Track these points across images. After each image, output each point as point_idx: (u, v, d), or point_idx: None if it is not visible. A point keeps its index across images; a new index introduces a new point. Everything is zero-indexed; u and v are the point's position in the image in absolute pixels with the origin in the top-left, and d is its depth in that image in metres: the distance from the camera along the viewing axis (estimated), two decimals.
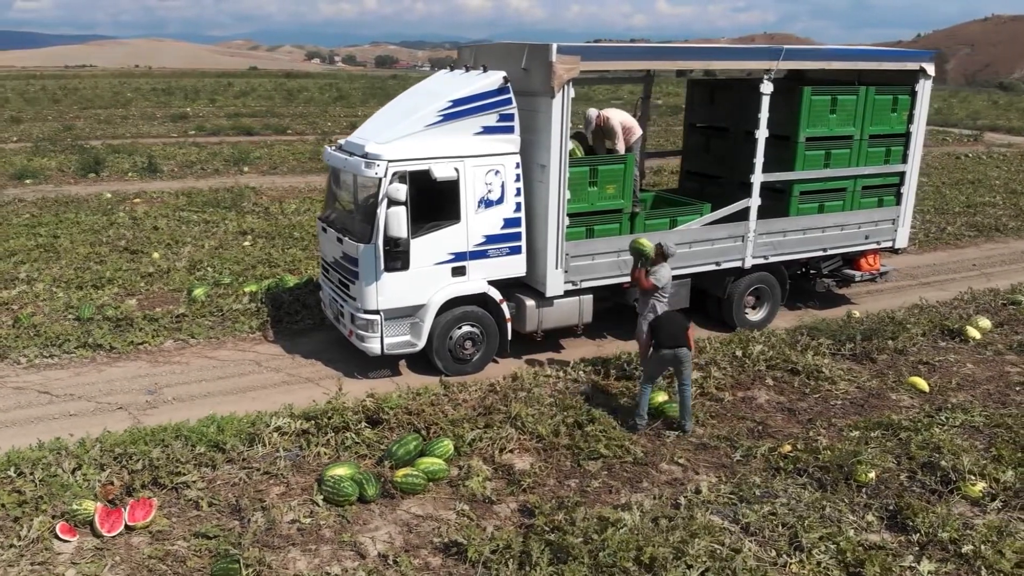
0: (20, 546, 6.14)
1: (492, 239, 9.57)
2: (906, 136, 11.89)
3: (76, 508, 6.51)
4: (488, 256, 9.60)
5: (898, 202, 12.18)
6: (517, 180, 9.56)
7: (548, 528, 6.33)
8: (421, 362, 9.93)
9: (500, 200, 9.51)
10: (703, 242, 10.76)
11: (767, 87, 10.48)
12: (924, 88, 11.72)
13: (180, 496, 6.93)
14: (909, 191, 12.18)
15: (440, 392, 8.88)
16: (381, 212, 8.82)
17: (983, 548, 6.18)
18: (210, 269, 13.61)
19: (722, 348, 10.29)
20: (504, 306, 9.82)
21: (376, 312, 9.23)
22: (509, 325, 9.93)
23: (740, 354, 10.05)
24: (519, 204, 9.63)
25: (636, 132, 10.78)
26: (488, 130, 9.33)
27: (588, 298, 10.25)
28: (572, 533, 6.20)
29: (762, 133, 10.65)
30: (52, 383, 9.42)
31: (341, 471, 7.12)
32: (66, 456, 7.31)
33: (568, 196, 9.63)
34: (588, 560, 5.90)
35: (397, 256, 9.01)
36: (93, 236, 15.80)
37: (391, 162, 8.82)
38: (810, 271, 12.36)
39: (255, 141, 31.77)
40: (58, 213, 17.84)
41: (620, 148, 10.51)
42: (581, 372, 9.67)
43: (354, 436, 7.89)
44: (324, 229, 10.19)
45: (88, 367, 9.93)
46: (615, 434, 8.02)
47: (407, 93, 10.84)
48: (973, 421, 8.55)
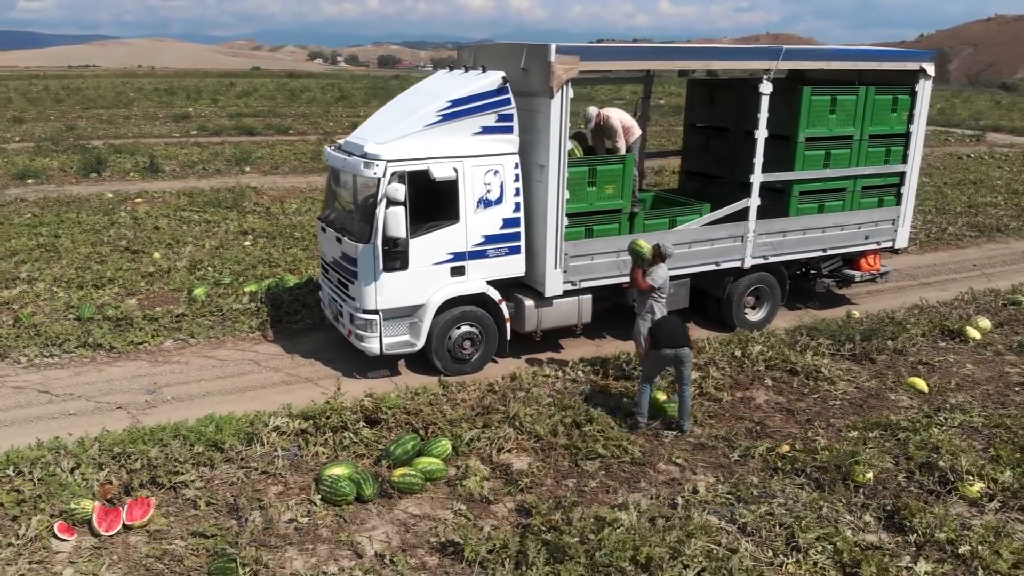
0: (18, 545, 6.16)
1: (491, 239, 9.57)
2: (906, 136, 11.88)
3: (74, 507, 6.53)
4: (487, 256, 9.61)
5: (898, 202, 12.17)
6: (516, 180, 9.56)
7: (545, 528, 6.33)
8: (420, 362, 9.94)
9: (499, 200, 9.52)
10: (702, 242, 10.76)
11: (766, 87, 10.48)
12: (924, 88, 11.71)
13: (178, 495, 6.94)
14: (909, 191, 12.17)
15: (439, 392, 8.88)
16: (380, 212, 8.83)
17: (980, 548, 6.17)
18: (210, 269, 13.64)
19: (721, 348, 10.28)
20: (503, 306, 9.82)
21: (375, 312, 9.24)
22: (508, 325, 9.93)
23: (739, 354, 10.04)
24: (518, 204, 9.64)
25: (635, 132, 10.78)
26: (487, 130, 9.34)
27: (587, 298, 10.25)
28: (568, 533, 6.20)
29: (761, 133, 10.65)
30: (52, 382, 9.45)
31: (339, 471, 7.13)
32: (65, 455, 7.32)
33: (567, 196, 9.64)
34: (584, 560, 5.90)
35: (396, 256, 9.02)
36: (94, 236, 15.83)
37: (390, 162, 8.83)
38: (810, 271, 12.35)
39: (257, 141, 31.81)
40: (59, 213, 17.88)
41: (621, 146, 10.51)
42: (580, 372, 9.67)
43: (352, 436, 7.90)
44: (323, 229, 10.20)
45: (88, 367, 9.95)
46: (613, 434, 8.02)
47: (406, 93, 10.85)
48: (972, 421, 8.53)
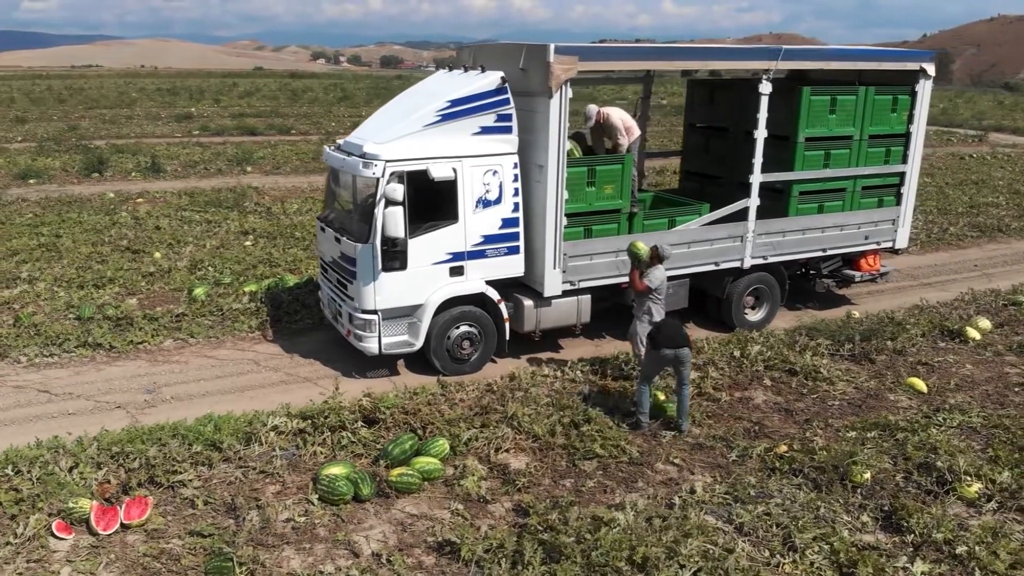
0: (16, 544, 6.18)
1: (490, 239, 9.58)
2: (906, 136, 11.87)
3: (72, 506, 6.55)
4: (486, 256, 9.61)
5: (898, 202, 12.15)
6: (515, 180, 9.57)
7: (541, 527, 6.33)
8: (420, 362, 9.95)
9: (498, 200, 9.52)
10: (702, 242, 10.75)
11: (766, 87, 10.47)
12: (924, 88, 11.70)
13: (176, 495, 6.95)
14: (909, 191, 12.15)
15: (437, 392, 8.89)
16: (379, 212, 8.84)
17: (977, 549, 6.16)
18: (211, 269, 13.66)
19: (720, 348, 10.28)
20: (502, 306, 9.82)
21: (374, 312, 9.25)
22: (507, 325, 9.94)
23: (738, 354, 10.04)
24: (517, 204, 9.64)
25: (635, 132, 10.78)
26: (486, 130, 9.34)
27: (586, 298, 10.25)
28: (565, 532, 6.20)
29: (760, 133, 10.64)
30: (51, 382, 9.47)
31: (336, 470, 7.14)
32: (63, 455, 7.34)
33: (566, 196, 9.64)
34: (581, 560, 5.90)
35: (395, 256, 9.03)
36: (95, 236, 15.87)
37: (389, 162, 8.84)
38: (810, 271, 12.35)
39: (259, 141, 31.85)
40: (61, 213, 17.92)
41: (624, 143, 10.51)
42: (579, 372, 9.67)
43: (350, 435, 7.91)
44: (323, 229, 10.22)
45: (88, 366, 9.97)
46: (611, 434, 8.02)
47: (406, 93, 10.87)
48: (971, 422, 8.52)
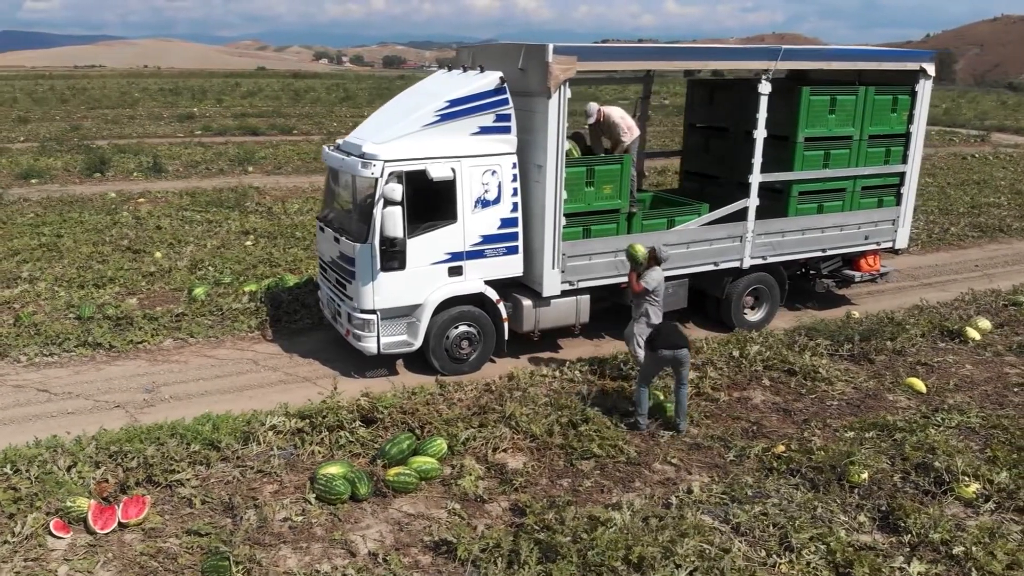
0: (14, 542, 6.19)
1: (489, 239, 9.58)
2: (906, 136, 11.86)
3: (70, 505, 6.56)
4: (485, 256, 9.62)
5: (898, 202, 12.14)
6: (514, 180, 9.57)
7: (538, 527, 6.33)
8: (419, 362, 9.95)
9: (497, 200, 9.52)
10: (701, 242, 10.75)
11: (765, 87, 10.46)
12: (924, 88, 11.69)
13: (174, 494, 6.96)
14: (909, 191, 12.14)
15: (435, 391, 8.90)
16: (377, 212, 8.85)
17: (974, 549, 6.15)
18: (211, 268, 13.68)
19: (719, 348, 10.27)
20: (501, 306, 9.83)
21: (373, 311, 9.25)
22: (506, 325, 9.94)
23: (737, 354, 10.03)
24: (516, 204, 9.64)
25: (634, 132, 10.78)
26: (485, 130, 9.35)
27: (585, 298, 10.26)
28: (561, 532, 6.20)
29: (760, 133, 10.63)
30: (51, 381, 9.49)
31: (334, 470, 7.15)
32: (62, 454, 7.36)
33: (565, 196, 9.64)
34: (577, 559, 5.90)
35: (393, 256, 9.04)
36: (96, 235, 15.90)
37: (387, 162, 8.85)
38: (809, 271, 12.34)
39: (260, 141, 31.90)
40: (62, 212, 17.96)
41: (626, 140, 10.50)
42: (577, 372, 9.67)
43: (348, 435, 7.91)
44: (322, 228, 10.23)
45: (87, 365, 9.99)
46: (609, 434, 8.02)
47: (405, 93, 10.88)
48: (969, 422, 8.51)
